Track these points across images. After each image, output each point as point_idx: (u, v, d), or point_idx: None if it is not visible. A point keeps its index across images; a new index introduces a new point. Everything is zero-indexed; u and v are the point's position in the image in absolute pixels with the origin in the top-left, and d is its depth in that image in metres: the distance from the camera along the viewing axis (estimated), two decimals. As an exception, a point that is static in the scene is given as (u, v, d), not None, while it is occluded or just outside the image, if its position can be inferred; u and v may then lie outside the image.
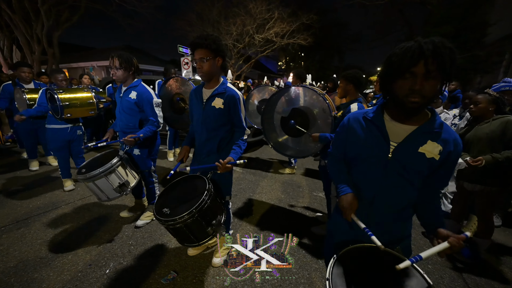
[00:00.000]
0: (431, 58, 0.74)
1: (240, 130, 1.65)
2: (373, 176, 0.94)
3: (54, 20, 9.78)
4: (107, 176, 1.84)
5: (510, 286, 1.84)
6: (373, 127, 0.94)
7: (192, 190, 1.51)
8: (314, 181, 3.83)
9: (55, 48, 10.01)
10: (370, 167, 0.94)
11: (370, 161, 0.95)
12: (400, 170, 0.89)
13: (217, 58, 1.49)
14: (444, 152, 0.84)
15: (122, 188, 1.90)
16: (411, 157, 0.87)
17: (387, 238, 0.99)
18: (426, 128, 0.85)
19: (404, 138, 0.87)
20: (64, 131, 2.93)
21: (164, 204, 1.43)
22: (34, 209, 2.65)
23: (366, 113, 0.98)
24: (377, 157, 0.92)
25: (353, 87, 1.90)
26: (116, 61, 1.95)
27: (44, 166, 3.89)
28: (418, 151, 0.86)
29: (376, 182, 0.94)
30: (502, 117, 1.88)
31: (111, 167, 1.85)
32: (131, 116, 2.14)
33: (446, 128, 0.86)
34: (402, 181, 0.91)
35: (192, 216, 1.31)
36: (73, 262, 1.91)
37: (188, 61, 9.61)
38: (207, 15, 15.39)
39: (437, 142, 0.84)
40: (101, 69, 15.06)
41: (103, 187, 1.85)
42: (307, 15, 15.21)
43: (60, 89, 2.45)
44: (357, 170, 1.01)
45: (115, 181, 1.87)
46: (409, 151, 0.87)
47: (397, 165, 0.89)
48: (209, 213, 1.42)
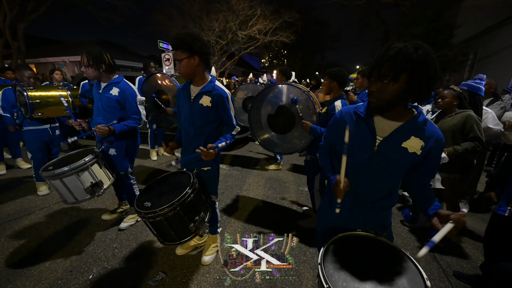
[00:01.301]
0: (391, 63, 0.79)
1: (230, 128, 1.66)
2: (358, 167, 1.00)
3: (18, 10, 8.95)
4: (78, 174, 1.69)
5: (475, 264, 2.03)
6: (362, 122, 0.99)
7: (176, 185, 1.48)
8: (300, 176, 3.92)
9: (20, 41, 9.20)
10: (355, 158, 0.99)
11: (355, 152, 0.99)
12: (383, 163, 0.95)
13: (193, 57, 1.44)
14: (426, 147, 0.90)
15: (94, 189, 1.76)
16: (394, 151, 0.93)
17: (370, 225, 1.05)
18: (410, 124, 0.91)
19: (390, 133, 0.93)
20: (44, 132, 2.74)
21: (146, 198, 1.40)
22: (3, 216, 2.44)
23: (357, 108, 1.03)
24: (363, 150, 0.98)
25: (337, 84, 1.97)
26: (85, 58, 1.84)
27: (13, 170, 3.59)
28: (401, 145, 0.91)
29: (360, 173, 1.00)
30: (463, 112, 2.05)
31: (84, 164, 1.71)
32: (111, 114, 2.02)
33: (430, 125, 0.92)
34: (384, 173, 0.97)
35: (173, 209, 1.28)
36: (52, 269, 1.80)
37: (170, 57, 9.29)
38: (188, 10, 14.95)
39: (420, 138, 0.90)
40: (74, 64, 14.07)
41: (72, 186, 1.69)
42: (289, 13, 15.36)
43: (31, 86, 2.25)
44: None
45: (87, 181, 1.73)
46: (393, 145, 0.93)
47: (380, 158, 0.95)
48: (191, 209, 1.39)
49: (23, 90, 2.18)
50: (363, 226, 1.04)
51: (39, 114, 2.24)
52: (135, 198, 2.34)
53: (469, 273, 1.89)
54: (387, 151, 0.94)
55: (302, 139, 2.23)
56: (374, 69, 0.84)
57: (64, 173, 1.64)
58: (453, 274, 1.90)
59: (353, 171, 1.01)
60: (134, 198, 2.34)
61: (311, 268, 1.91)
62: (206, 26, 14.70)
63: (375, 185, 1.00)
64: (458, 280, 1.85)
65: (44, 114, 2.30)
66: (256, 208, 2.84)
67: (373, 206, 1.04)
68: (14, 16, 8.84)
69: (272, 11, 15.10)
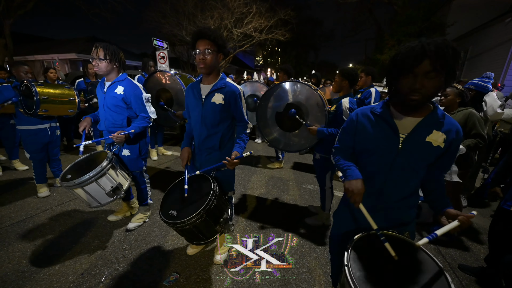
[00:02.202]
0: (432, 58, 0.79)
1: (242, 124, 1.64)
2: (383, 167, 1.01)
3: (5, 6, 8.59)
4: (98, 181, 1.70)
5: (478, 257, 2.11)
6: (382, 121, 1.00)
7: (197, 190, 1.48)
8: (302, 174, 3.96)
9: (7, 38, 8.85)
10: (380, 159, 1.01)
11: (380, 152, 1.01)
12: (408, 160, 0.97)
13: (219, 53, 1.46)
14: (448, 140, 0.93)
15: (116, 192, 1.78)
16: (419, 147, 0.94)
17: (394, 224, 1.07)
18: (430, 119, 0.93)
19: (412, 129, 0.95)
20: (43, 132, 2.66)
21: (170, 206, 1.40)
22: (4, 219, 2.37)
23: (373, 108, 1.04)
24: (387, 149, 0.99)
25: (348, 83, 2.00)
26: (101, 51, 1.78)
27: (9, 172, 3.48)
28: (425, 140, 0.93)
29: (385, 172, 1.01)
30: (465, 109, 2.10)
31: (102, 170, 1.70)
32: (118, 114, 1.97)
33: (448, 118, 0.95)
34: (409, 170, 0.99)
35: (200, 217, 1.30)
36: (62, 273, 1.76)
37: (165, 55, 9.17)
38: (182, 7, 14.70)
39: (441, 131, 0.92)
40: (64, 62, 13.66)
41: (94, 192, 1.71)
42: (284, 10, 15.34)
43: (39, 82, 2.18)
44: (367, 162, 1.07)
45: (107, 185, 1.74)
46: (417, 141, 0.94)
47: (406, 155, 0.96)
48: (216, 212, 1.42)
49: (32, 85, 2.11)
50: (386, 226, 1.05)
51: (43, 111, 2.17)
52: (147, 197, 2.33)
53: (473, 266, 1.96)
54: (412, 148, 0.95)
55: (310, 137, 2.25)
56: (414, 66, 0.82)
57: (85, 182, 1.64)
58: (458, 267, 1.96)
59: (378, 172, 1.02)
60: (146, 197, 2.33)
61: (322, 265, 1.94)
62: (200, 23, 14.49)
63: (400, 183, 1.02)
64: (463, 273, 1.91)
65: (49, 112, 2.24)
66: (263, 207, 2.85)
67: (398, 205, 1.06)
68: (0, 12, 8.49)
69: (267, 9, 15.03)
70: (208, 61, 1.41)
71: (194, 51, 1.42)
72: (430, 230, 2.41)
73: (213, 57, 1.42)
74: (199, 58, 1.40)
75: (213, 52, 1.41)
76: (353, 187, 1.03)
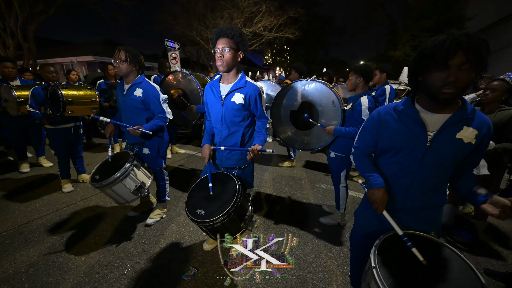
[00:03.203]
0: (466, 50, 0.78)
1: (262, 120, 1.66)
2: (410, 167, 0.99)
3: (29, 12, 9.06)
4: (123, 181, 1.81)
5: (505, 262, 2.02)
6: (407, 119, 0.98)
7: (222, 189, 1.51)
8: (314, 173, 3.94)
9: (31, 42, 9.32)
10: (406, 157, 0.99)
11: (406, 151, 0.99)
12: (436, 158, 0.95)
13: (239, 52, 1.48)
14: (479, 135, 0.90)
15: (140, 190, 1.88)
16: (449, 144, 0.92)
17: (421, 223, 1.04)
18: (460, 115, 0.90)
19: (441, 126, 0.92)
20: (68, 131, 2.84)
21: (196, 205, 1.44)
22: (33, 212, 2.52)
23: (397, 106, 1.02)
24: (413, 146, 0.97)
25: (363, 81, 1.97)
26: (123, 54, 1.88)
27: (36, 168, 3.69)
28: (455, 137, 0.91)
29: (413, 171, 0.99)
30: (509, 110, 1.85)
31: (126, 171, 1.81)
32: (137, 116, 2.05)
33: (478, 113, 0.92)
34: (436, 168, 0.96)
35: (228, 216, 1.34)
36: (87, 263, 1.86)
37: (176, 56, 9.35)
38: (193, 7, 14.91)
39: (472, 127, 0.90)
40: (81, 64, 14.23)
41: (121, 192, 1.83)
42: (294, 8, 15.21)
43: (64, 84, 2.32)
44: (392, 161, 1.05)
45: (131, 185, 1.85)
46: (447, 138, 0.92)
47: (434, 153, 0.94)
48: (241, 210, 1.46)
49: (57, 88, 2.24)
50: (413, 226, 1.03)
51: (69, 112, 2.31)
52: (165, 194, 2.41)
53: (501, 271, 1.87)
54: (441, 145, 0.93)
55: (325, 136, 2.24)
56: (448, 58, 0.80)
57: (112, 183, 1.76)
58: (484, 271, 1.88)
59: (405, 171, 1.00)
60: (165, 194, 2.41)
61: (338, 265, 1.93)
62: (211, 23, 14.65)
63: (427, 182, 1.00)
64: (490, 278, 1.83)
65: (74, 113, 2.37)
66: (275, 205, 2.87)
67: (425, 205, 1.04)
68: (25, 18, 8.96)
69: (277, 7, 14.96)
70: (226, 59, 1.43)
71: (214, 49, 1.44)
72: (451, 233, 2.33)
73: (232, 55, 1.43)
74: (218, 55, 1.42)
75: (232, 50, 1.42)
76: (376, 196, 1.02)
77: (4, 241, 2.08)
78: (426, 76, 0.88)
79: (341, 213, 2.39)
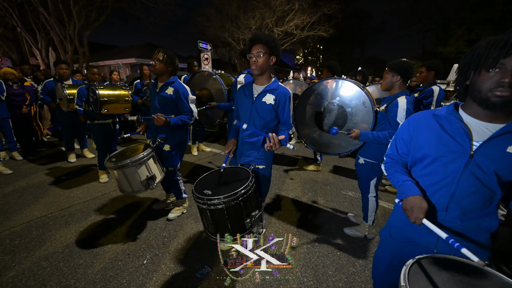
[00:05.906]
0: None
1: (286, 126, 1.67)
2: (448, 177, 0.84)
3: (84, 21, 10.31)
4: (137, 167, 1.87)
5: None
6: (448, 124, 0.85)
7: (234, 177, 1.52)
8: (342, 179, 3.68)
9: (85, 47, 10.60)
10: (443, 167, 0.85)
11: (444, 160, 0.84)
12: (481, 172, 0.80)
13: (272, 56, 1.54)
14: None
15: (149, 182, 1.93)
16: (497, 158, 0.78)
17: None
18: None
19: (490, 136, 0.78)
20: (107, 126, 3.13)
21: (204, 186, 1.43)
22: (74, 198, 2.82)
23: (435, 111, 0.90)
24: (454, 155, 0.83)
25: (401, 79, 1.74)
26: (161, 55, 2.05)
27: (81, 158, 4.15)
28: (506, 151, 0.76)
29: (451, 186, 0.84)
30: None
31: (143, 158, 1.89)
32: (166, 112, 2.14)
33: None
34: (480, 185, 0.81)
35: (236, 198, 1.30)
36: (113, 251, 1.99)
37: (208, 57, 9.70)
38: (226, 9, 15.34)
39: None
40: (126, 66, 15.73)
41: (131, 178, 1.88)
42: (328, 5, 14.60)
43: (101, 85, 2.56)
44: (427, 171, 0.91)
45: (144, 173, 1.91)
46: (496, 150, 0.78)
47: (478, 166, 0.80)
48: (250, 203, 1.41)
49: (96, 89, 2.48)
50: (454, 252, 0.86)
51: (105, 111, 2.53)
52: (181, 191, 2.48)
53: None
54: (488, 157, 0.79)
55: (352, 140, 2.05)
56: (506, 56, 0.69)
57: (126, 165, 1.84)
58: None
59: (442, 184, 0.85)
60: (181, 192, 2.48)
61: (362, 282, 1.75)
62: (242, 24, 14.90)
63: (468, 200, 0.83)
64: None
65: (109, 111, 2.59)
66: (297, 210, 2.74)
67: (466, 227, 0.87)
68: (81, 25, 10.23)
69: (310, 4, 14.54)
70: (259, 63, 1.52)
71: (249, 55, 1.53)
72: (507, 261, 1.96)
73: (265, 59, 1.52)
74: (252, 60, 1.52)
75: (265, 55, 1.51)
76: (412, 205, 0.86)
77: (49, 222, 2.36)
78: (475, 79, 0.77)
79: (369, 225, 2.16)
